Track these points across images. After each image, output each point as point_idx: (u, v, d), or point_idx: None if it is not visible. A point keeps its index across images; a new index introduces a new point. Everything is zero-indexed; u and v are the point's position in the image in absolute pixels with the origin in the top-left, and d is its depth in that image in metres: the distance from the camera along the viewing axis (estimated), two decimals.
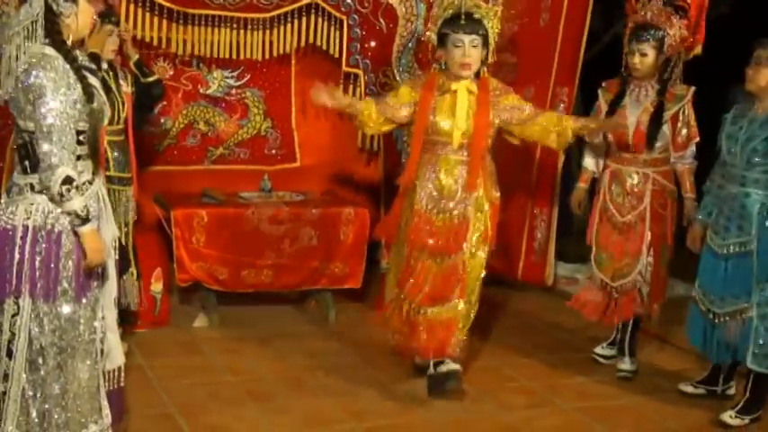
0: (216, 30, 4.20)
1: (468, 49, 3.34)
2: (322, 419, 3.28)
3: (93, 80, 2.55)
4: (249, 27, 4.29)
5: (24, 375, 2.54)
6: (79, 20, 2.49)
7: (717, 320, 3.52)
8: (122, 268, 3.35)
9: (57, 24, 2.45)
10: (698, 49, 4.03)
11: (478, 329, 3.83)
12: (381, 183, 4.61)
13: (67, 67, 2.42)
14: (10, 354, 2.53)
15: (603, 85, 3.99)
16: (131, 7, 3.95)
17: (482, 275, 3.61)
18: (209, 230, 4.08)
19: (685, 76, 4.01)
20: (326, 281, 4.32)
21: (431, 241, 3.51)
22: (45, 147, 2.38)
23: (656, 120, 3.72)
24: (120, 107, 3.60)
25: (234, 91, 4.73)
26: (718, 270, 3.49)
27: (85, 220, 2.47)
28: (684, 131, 3.78)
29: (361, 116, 3.48)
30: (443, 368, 3.48)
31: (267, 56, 4.43)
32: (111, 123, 3.15)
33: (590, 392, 3.73)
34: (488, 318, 3.64)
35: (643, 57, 3.70)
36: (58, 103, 2.38)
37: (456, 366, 3.50)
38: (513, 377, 3.79)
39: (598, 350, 4.08)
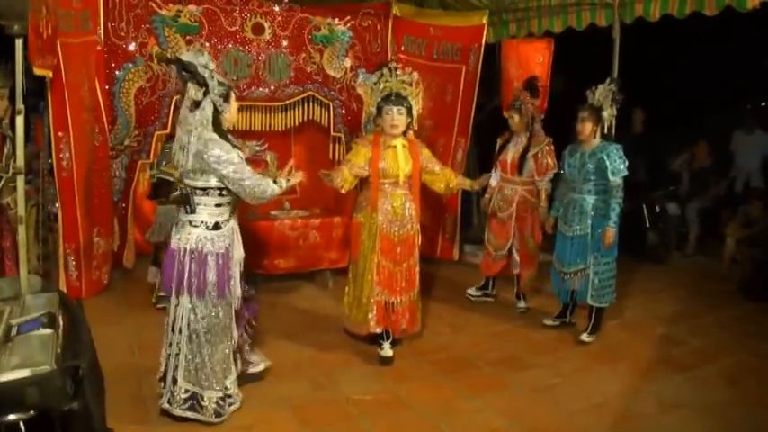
0: (252, 114, 5.04)
1: (395, 116, 3.66)
2: (328, 347, 4.03)
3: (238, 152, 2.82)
4: (272, 111, 5.15)
5: (186, 345, 2.86)
6: (231, 113, 2.83)
7: (565, 277, 4.18)
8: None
9: (218, 118, 2.77)
10: (542, 114, 4.86)
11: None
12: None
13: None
14: (174, 330, 2.89)
15: (501, 135, 4.70)
16: None
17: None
18: (255, 236, 4.75)
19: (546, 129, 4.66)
20: (327, 263, 5.23)
21: (394, 251, 3.78)
22: (239, 186, 2.72)
23: (522, 156, 4.50)
24: None
25: (259, 154, 5.45)
26: (566, 246, 4.14)
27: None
28: (544, 163, 4.46)
29: (342, 182, 3.72)
30: (389, 353, 3.83)
31: (283, 128, 5.22)
32: None
33: (492, 319, 4.56)
34: (422, 282, 4.09)
35: (513, 118, 4.54)
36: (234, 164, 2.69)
37: (391, 353, 3.84)
38: (441, 315, 4.73)
39: (470, 291, 4.89)
